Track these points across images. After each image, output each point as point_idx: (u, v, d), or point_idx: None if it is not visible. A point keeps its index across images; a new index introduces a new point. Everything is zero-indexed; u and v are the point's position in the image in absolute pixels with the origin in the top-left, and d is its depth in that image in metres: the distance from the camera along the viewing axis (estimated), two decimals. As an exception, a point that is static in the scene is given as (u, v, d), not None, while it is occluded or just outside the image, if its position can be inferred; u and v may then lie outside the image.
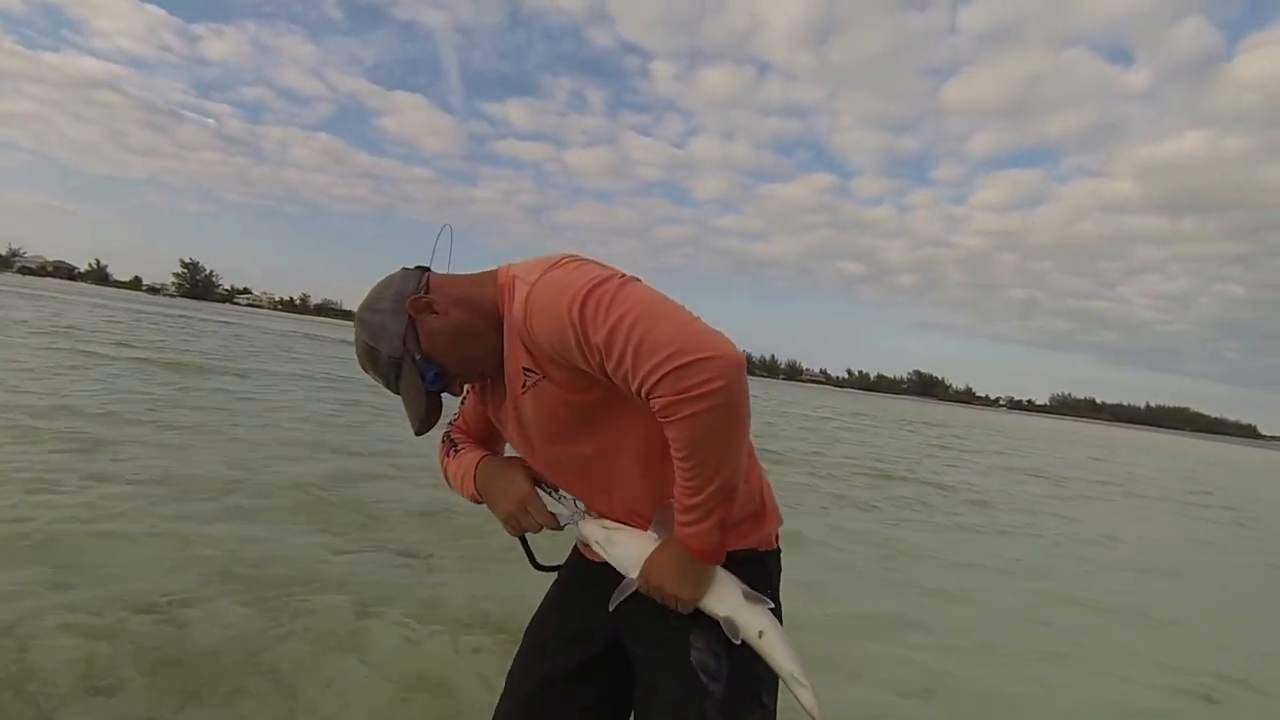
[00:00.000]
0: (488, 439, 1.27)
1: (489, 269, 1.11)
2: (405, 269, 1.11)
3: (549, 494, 1.13)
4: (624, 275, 0.98)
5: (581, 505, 1.14)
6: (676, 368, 0.87)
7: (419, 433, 1.10)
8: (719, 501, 0.95)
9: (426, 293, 1.05)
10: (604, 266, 1.00)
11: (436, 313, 1.04)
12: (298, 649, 2.38)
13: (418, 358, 1.04)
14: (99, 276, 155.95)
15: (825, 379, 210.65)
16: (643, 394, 0.91)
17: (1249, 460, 43.00)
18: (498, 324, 1.06)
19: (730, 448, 0.92)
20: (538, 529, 1.12)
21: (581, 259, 1.01)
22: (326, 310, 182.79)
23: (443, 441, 1.27)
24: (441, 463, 1.26)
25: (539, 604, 1.26)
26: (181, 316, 36.50)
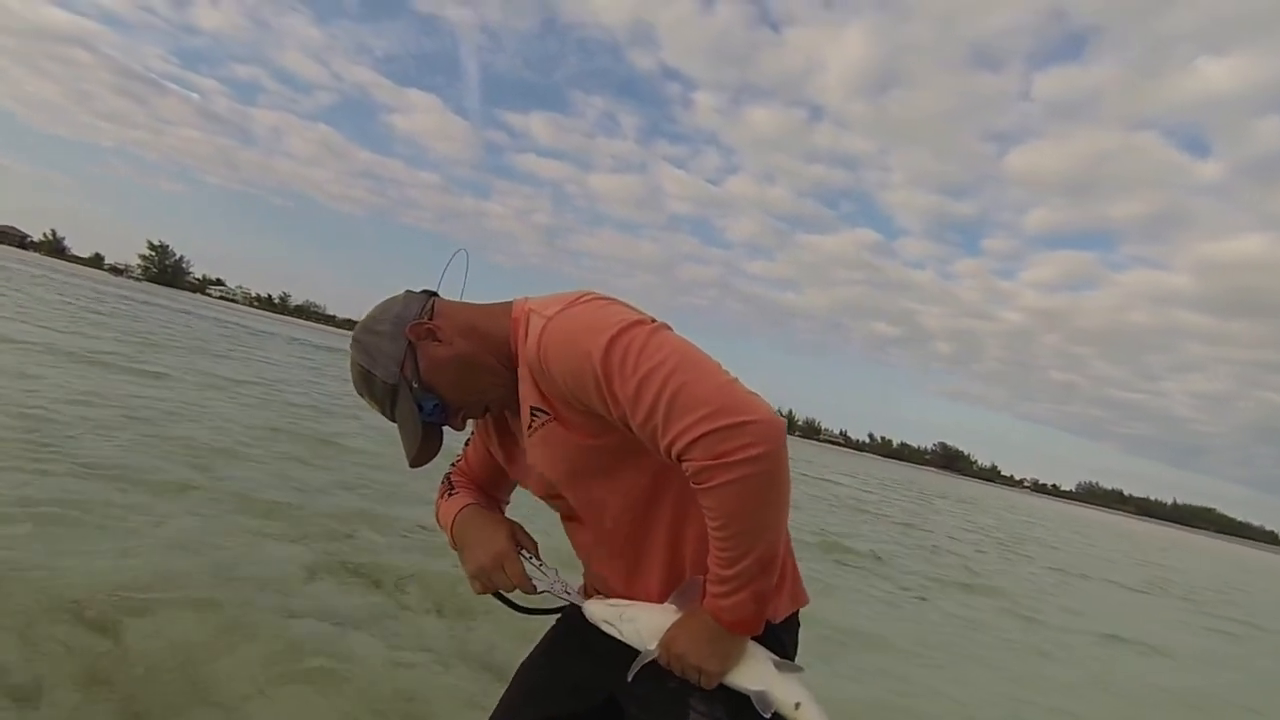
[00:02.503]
0: (491, 484, 1.28)
1: (504, 300, 1.11)
2: (410, 291, 1.11)
3: (529, 561, 1.13)
4: (653, 320, 0.98)
5: (569, 580, 1.14)
6: (713, 430, 0.86)
7: (413, 465, 1.10)
8: (758, 573, 0.93)
9: (431, 318, 1.05)
10: (630, 308, 0.99)
11: (440, 340, 1.05)
12: (247, 671, 2.36)
13: (415, 386, 1.04)
14: (54, 248, 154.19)
15: (845, 441, 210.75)
16: (673, 455, 0.90)
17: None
18: (508, 359, 1.06)
19: (771, 518, 0.91)
20: (510, 589, 1.11)
21: (606, 297, 1.01)
22: (307, 312, 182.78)
23: (442, 482, 1.28)
24: (437, 503, 1.26)
25: (532, 648, 1.26)
26: (127, 299, 36.39)
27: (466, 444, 1.30)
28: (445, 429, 1.12)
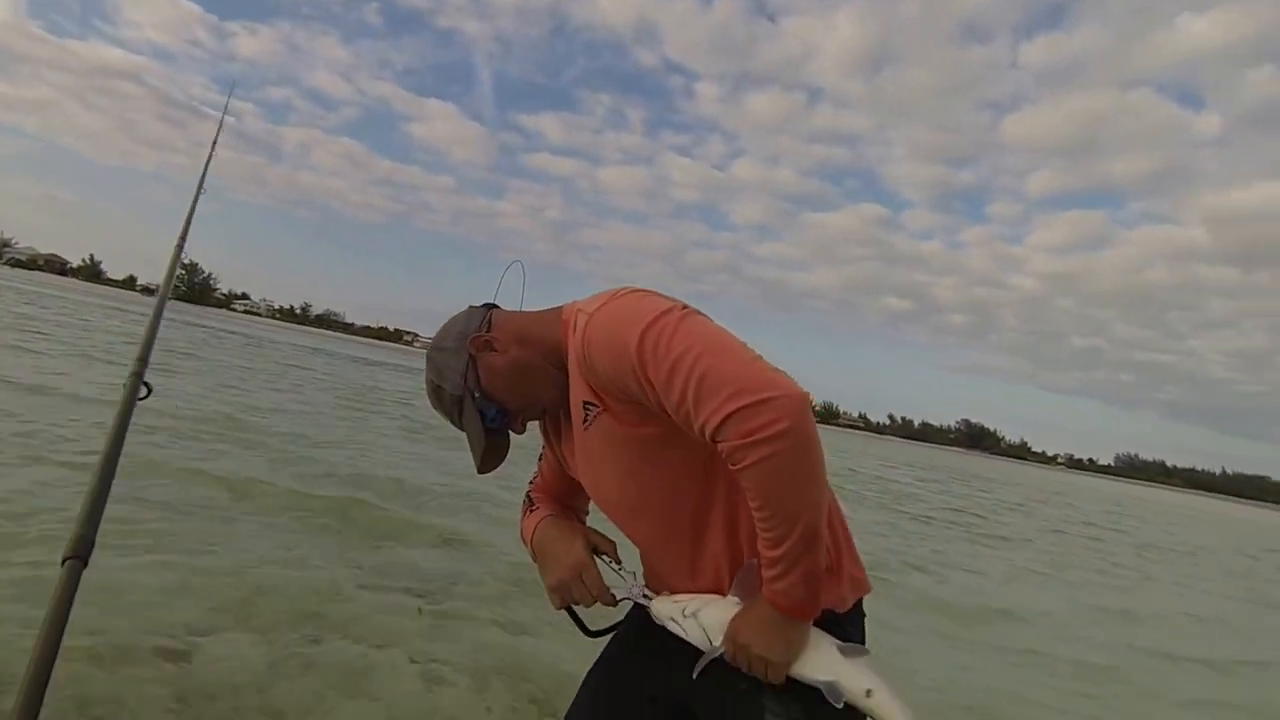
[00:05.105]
0: (568, 494, 1.30)
1: (555, 306, 1.16)
2: (471, 307, 1.18)
3: (609, 565, 1.14)
4: (685, 307, 1.01)
5: (642, 580, 1.15)
6: (739, 409, 0.88)
7: (481, 471, 1.16)
8: (804, 551, 0.93)
9: (488, 330, 1.12)
10: (665, 298, 1.03)
11: (496, 350, 1.11)
12: (308, 688, 2.44)
13: (477, 395, 1.12)
14: (91, 273, 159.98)
15: (865, 424, 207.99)
16: (707, 437, 0.93)
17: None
18: (560, 361, 1.10)
19: (807, 491, 0.92)
20: (590, 602, 1.12)
21: (643, 290, 1.05)
22: (327, 322, 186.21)
23: (524, 501, 1.31)
24: (521, 522, 1.29)
25: (594, 661, 1.26)
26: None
27: (540, 460, 1.32)
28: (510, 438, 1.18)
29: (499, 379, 1.11)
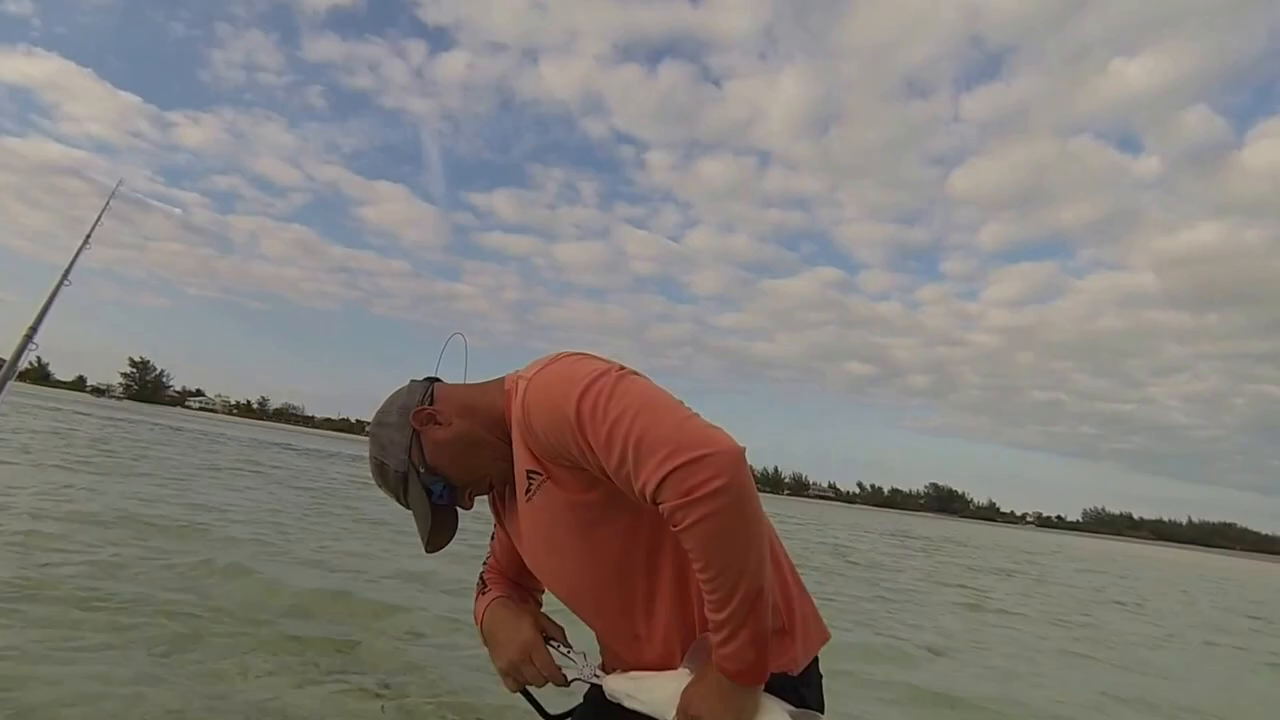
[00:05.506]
0: (521, 574, 1.27)
1: (496, 377, 1.16)
2: (414, 381, 1.16)
3: (558, 650, 1.12)
4: (621, 368, 1.01)
5: (595, 661, 1.14)
6: (675, 469, 0.88)
7: (429, 550, 1.13)
8: (749, 611, 0.91)
9: (431, 403, 1.10)
10: (603, 360, 1.04)
11: (440, 424, 1.09)
12: None
13: (422, 471, 1.09)
14: (39, 375, 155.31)
15: (835, 494, 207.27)
16: (648, 499, 0.92)
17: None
18: (505, 432, 1.09)
19: (747, 549, 0.90)
20: (541, 683, 1.10)
21: (580, 353, 1.05)
22: (286, 415, 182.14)
23: (477, 582, 1.29)
24: (474, 605, 1.26)
25: None
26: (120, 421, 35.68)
27: (491, 540, 1.31)
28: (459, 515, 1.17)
29: (444, 452, 1.08)
